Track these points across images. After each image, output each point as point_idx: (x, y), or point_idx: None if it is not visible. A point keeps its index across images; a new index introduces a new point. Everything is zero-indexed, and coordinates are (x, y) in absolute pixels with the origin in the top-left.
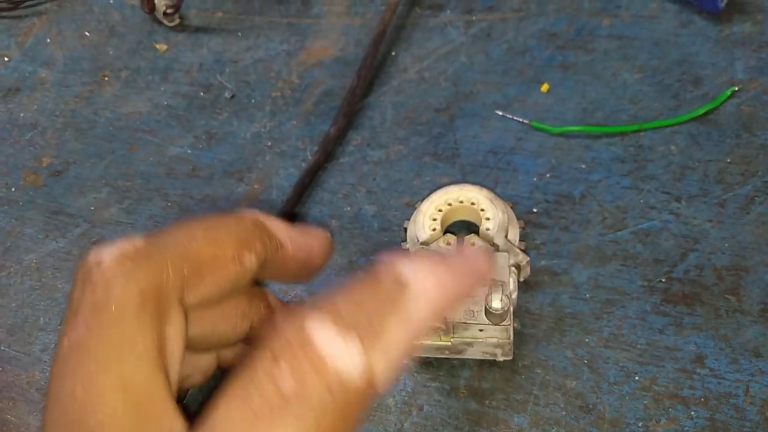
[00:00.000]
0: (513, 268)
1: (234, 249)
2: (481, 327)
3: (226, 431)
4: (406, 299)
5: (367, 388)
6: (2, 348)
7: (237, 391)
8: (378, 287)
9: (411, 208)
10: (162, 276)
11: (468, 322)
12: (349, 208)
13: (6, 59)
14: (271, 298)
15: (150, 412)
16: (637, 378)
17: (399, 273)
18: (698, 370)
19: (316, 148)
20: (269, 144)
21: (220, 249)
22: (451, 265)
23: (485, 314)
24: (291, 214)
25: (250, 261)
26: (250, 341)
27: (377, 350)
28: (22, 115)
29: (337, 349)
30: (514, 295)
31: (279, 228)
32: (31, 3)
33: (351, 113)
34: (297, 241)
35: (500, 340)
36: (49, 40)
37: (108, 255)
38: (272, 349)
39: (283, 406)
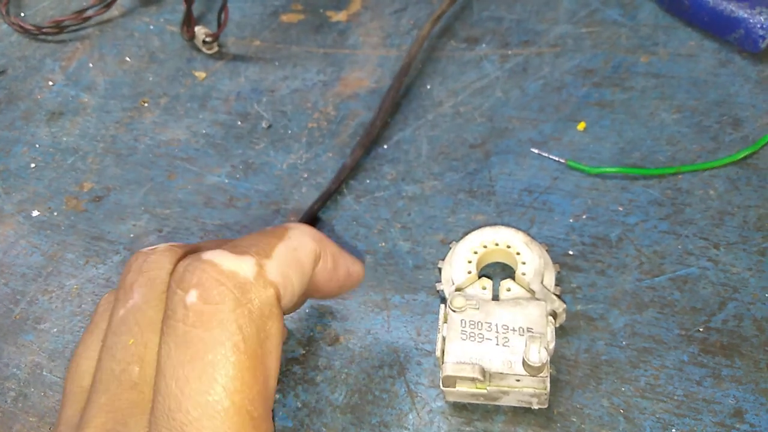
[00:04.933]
0: (550, 317)
1: None
2: (517, 377)
3: (168, 372)
4: (290, 233)
5: (266, 285)
6: (44, 373)
7: (162, 336)
8: (267, 230)
9: (445, 246)
10: None
11: (505, 372)
12: (383, 244)
13: (50, 83)
14: None
15: None
16: (674, 431)
17: (283, 225)
18: (737, 425)
19: (350, 182)
20: (305, 176)
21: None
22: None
23: (522, 365)
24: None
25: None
26: None
27: (267, 262)
28: (64, 139)
29: (231, 262)
30: (552, 345)
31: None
32: (74, 27)
33: (369, 144)
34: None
35: (537, 390)
36: (91, 65)
37: (160, 245)
38: (175, 280)
39: (196, 320)
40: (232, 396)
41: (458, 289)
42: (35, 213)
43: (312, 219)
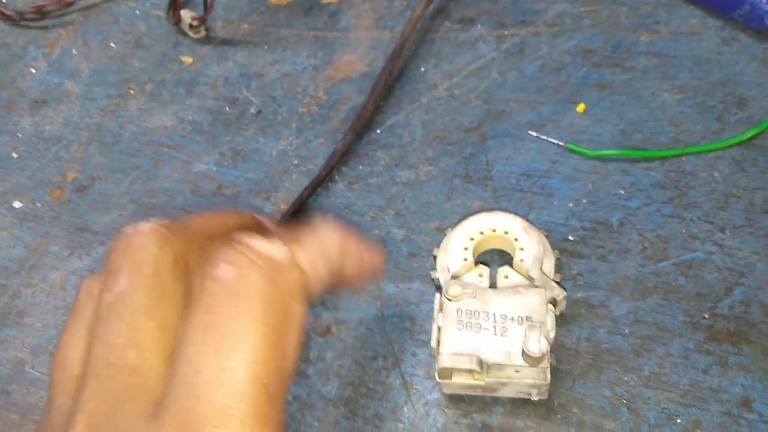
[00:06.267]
0: (550, 305)
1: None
2: (516, 368)
3: (189, 337)
4: (317, 229)
5: (294, 271)
6: (27, 369)
7: (193, 309)
8: (296, 223)
9: (441, 233)
10: (188, 245)
11: (503, 363)
12: (377, 231)
13: (33, 71)
14: None
15: None
16: (679, 421)
17: (312, 219)
18: (745, 414)
19: (341, 168)
20: (296, 162)
21: (227, 232)
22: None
23: (522, 355)
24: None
25: None
26: None
27: (298, 249)
28: (47, 128)
29: (264, 244)
30: (552, 334)
31: (270, 224)
32: (57, 13)
33: (360, 129)
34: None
35: (536, 381)
36: (75, 52)
37: (145, 225)
38: (209, 261)
39: (225, 293)
40: (250, 365)
41: (454, 277)
42: (17, 204)
43: (301, 206)
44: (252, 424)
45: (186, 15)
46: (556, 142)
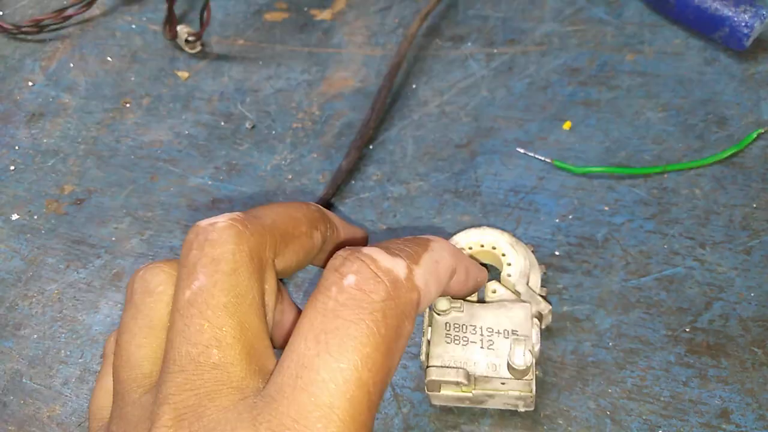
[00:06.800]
0: (535, 319)
1: (306, 226)
2: (503, 381)
3: (309, 335)
4: (432, 245)
5: (412, 289)
6: (24, 380)
7: (308, 308)
8: (412, 239)
9: None
10: (262, 240)
11: (489, 376)
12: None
13: (30, 83)
14: None
15: (258, 351)
16: None
17: (425, 237)
18: (724, 426)
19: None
20: (290, 177)
21: (297, 225)
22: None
23: (507, 368)
24: None
25: (317, 238)
26: None
27: (415, 268)
28: (45, 141)
29: (388, 260)
30: (537, 348)
31: (334, 216)
32: (55, 27)
33: (363, 146)
34: (346, 228)
35: (522, 393)
36: (72, 65)
37: (220, 220)
38: (334, 266)
39: (348, 300)
40: (360, 371)
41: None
42: (15, 216)
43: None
44: (351, 428)
45: (182, 30)
46: (543, 159)
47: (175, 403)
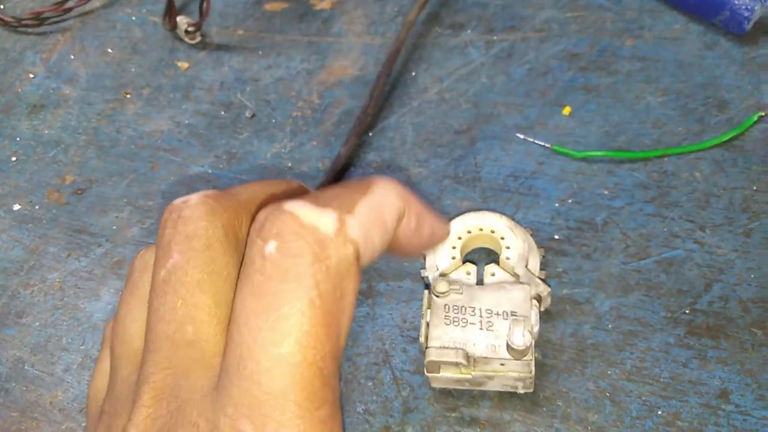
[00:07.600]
0: (534, 301)
1: None
2: (502, 361)
3: (241, 320)
4: (374, 188)
5: (345, 243)
6: (26, 367)
7: (238, 286)
8: (351, 183)
9: None
10: (237, 215)
11: (489, 356)
12: None
13: (31, 75)
14: None
15: None
16: (660, 413)
17: (368, 178)
18: (723, 406)
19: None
20: (289, 164)
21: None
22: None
23: (507, 349)
24: None
25: None
26: None
27: (349, 218)
28: (46, 132)
29: (312, 215)
30: (536, 329)
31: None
32: (55, 19)
33: (362, 133)
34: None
35: (521, 374)
36: (72, 57)
37: (194, 197)
38: (255, 230)
39: (273, 272)
40: (304, 351)
41: (443, 275)
42: (16, 207)
43: None
44: (310, 407)
45: (182, 21)
46: (542, 144)
47: (154, 382)
